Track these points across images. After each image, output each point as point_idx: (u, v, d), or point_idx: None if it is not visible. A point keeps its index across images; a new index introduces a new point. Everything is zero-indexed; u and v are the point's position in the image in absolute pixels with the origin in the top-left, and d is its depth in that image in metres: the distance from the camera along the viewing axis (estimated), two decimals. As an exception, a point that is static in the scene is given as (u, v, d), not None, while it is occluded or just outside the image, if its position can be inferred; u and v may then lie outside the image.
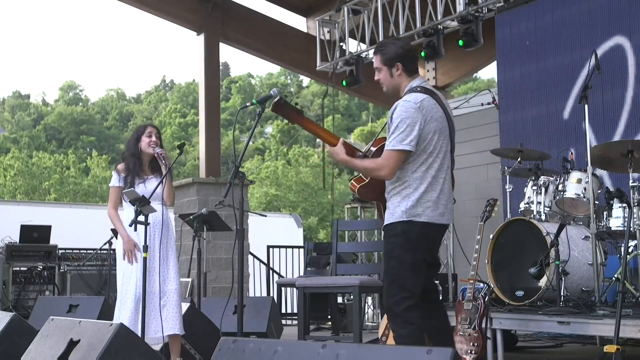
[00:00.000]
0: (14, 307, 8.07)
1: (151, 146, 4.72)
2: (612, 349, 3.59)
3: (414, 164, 3.53)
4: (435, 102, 3.56)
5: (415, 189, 3.52)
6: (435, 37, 8.66)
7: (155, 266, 4.61)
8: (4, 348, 4.23)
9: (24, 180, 32.39)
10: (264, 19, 11.39)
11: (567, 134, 7.14)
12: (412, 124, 3.46)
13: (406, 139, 3.46)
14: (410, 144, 3.46)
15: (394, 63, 3.62)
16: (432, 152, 3.53)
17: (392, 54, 3.61)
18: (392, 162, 3.49)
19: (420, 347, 2.28)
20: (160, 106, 49.36)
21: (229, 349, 2.76)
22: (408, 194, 3.53)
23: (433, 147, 3.53)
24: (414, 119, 3.46)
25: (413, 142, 3.47)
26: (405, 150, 3.48)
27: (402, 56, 3.61)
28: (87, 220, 11.93)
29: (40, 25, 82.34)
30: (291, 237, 13.96)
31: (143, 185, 4.71)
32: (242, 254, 3.75)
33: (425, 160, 3.53)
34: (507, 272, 5.14)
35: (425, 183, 3.52)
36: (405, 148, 3.47)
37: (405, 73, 3.63)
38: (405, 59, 3.62)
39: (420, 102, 3.51)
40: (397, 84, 3.66)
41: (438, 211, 3.55)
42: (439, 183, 3.55)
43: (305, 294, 5.40)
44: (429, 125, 3.51)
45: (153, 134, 4.79)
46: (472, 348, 4.52)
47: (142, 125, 4.94)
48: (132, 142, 4.82)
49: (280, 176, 32.97)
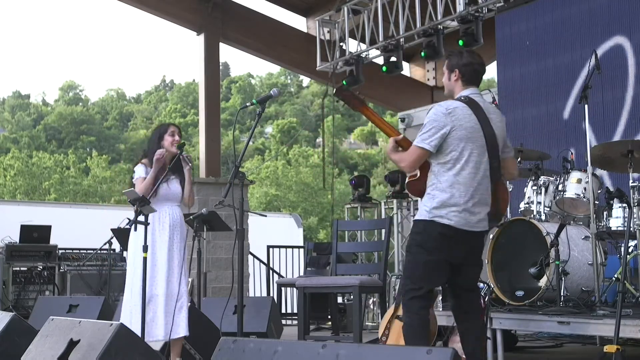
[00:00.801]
0: (14, 307, 8.06)
1: (174, 145, 4.71)
2: (612, 349, 3.59)
3: (444, 167, 3.73)
4: (471, 112, 3.74)
5: (442, 191, 3.71)
6: (435, 37, 8.66)
7: (174, 267, 4.62)
8: (4, 348, 4.23)
9: (24, 180, 32.39)
10: (264, 19, 11.39)
11: (567, 134, 7.14)
12: (438, 127, 3.69)
13: (427, 139, 3.69)
14: (430, 144, 3.69)
15: (454, 69, 3.88)
16: (459, 159, 3.70)
17: (455, 62, 3.89)
18: (412, 158, 3.75)
19: (420, 347, 2.28)
20: (160, 106, 49.35)
21: (229, 349, 2.76)
22: (435, 195, 3.73)
23: (459, 154, 3.70)
24: (440, 123, 3.69)
25: (434, 142, 3.69)
26: (424, 149, 3.70)
27: (464, 65, 3.85)
28: (87, 220, 11.92)
29: (40, 25, 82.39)
30: (291, 237, 13.95)
31: (166, 185, 4.69)
32: (242, 254, 3.75)
33: (452, 165, 3.71)
34: (507, 272, 5.13)
35: (453, 188, 3.70)
36: (425, 147, 3.70)
37: (462, 81, 3.86)
38: (466, 68, 3.85)
39: (453, 109, 3.72)
40: (452, 89, 3.91)
41: (463, 217, 3.69)
42: (468, 191, 3.70)
43: (305, 294, 5.41)
44: (457, 132, 3.69)
45: (176, 133, 4.77)
46: (472, 348, 4.51)
47: (164, 124, 4.92)
48: (155, 140, 4.79)
49: (280, 176, 32.98)
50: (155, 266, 4.59)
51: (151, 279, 4.54)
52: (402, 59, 9.49)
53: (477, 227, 3.75)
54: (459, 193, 3.69)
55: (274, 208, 30.06)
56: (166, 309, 4.54)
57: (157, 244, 4.62)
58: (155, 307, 4.55)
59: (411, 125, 10.21)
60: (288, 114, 43.43)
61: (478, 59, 3.93)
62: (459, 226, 3.69)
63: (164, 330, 4.53)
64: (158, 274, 4.58)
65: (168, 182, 4.71)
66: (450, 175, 3.70)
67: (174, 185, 4.73)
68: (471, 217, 3.71)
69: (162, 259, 4.61)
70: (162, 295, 4.58)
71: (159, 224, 4.66)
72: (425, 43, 8.77)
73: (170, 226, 4.66)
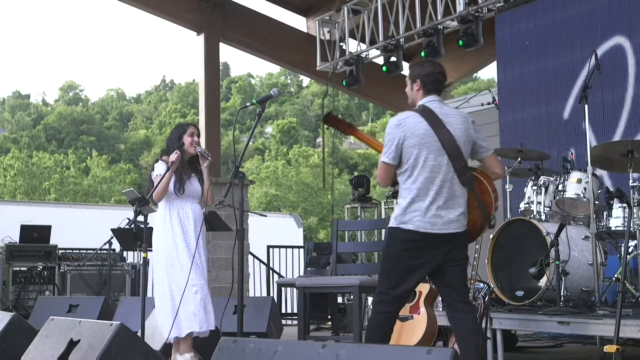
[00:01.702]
0: (14, 307, 8.06)
1: (194, 146, 4.78)
2: (612, 349, 3.59)
3: (404, 176, 3.85)
4: (422, 119, 3.84)
5: (404, 198, 3.83)
6: (435, 37, 8.65)
7: (200, 262, 4.69)
8: (4, 348, 4.23)
9: (24, 180, 32.40)
10: (264, 19, 11.38)
11: (567, 134, 7.14)
12: (391, 140, 3.83)
13: (386, 153, 3.85)
14: (388, 157, 3.84)
15: (416, 80, 3.98)
16: (415, 166, 3.81)
17: (417, 72, 4.00)
18: (379, 172, 3.93)
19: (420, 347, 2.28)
20: (160, 106, 49.37)
21: (229, 349, 2.77)
22: (399, 203, 3.87)
23: (414, 161, 3.80)
24: (392, 136, 3.84)
25: (391, 155, 3.83)
26: (385, 162, 3.86)
27: (425, 75, 3.96)
28: (87, 220, 11.92)
29: (40, 25, 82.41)
30: (291, 237, 13.95)
31: (188, 183, 4.76)
32: (242, 254, 3.75)
33: (410, 173, 3.82)
34: (507, 272, 5.14)
35: (412, 194, 3.80)
36: (385, 160, 3.85)
37: (423, 91, 3.97)
38: (427, 78, 3.95)
39: (403, 120, 3.86)
40: (414, 98, 4.02)
41: (426, 220, 3.77)
42: (428, 195, 3.78)
43: (305, 294, 5.40)
44: (408, 141, 3.80)
45: (195, 134, 4.84)
46: (472, 348, 4.51)
47: (183, 124, 4.98)
48: (174, 140, 4.84)
49: (280, 176, 32.99)
50: (193, 258, 4.63)
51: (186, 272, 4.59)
52: (402, 59, 9.49)
53: (447, 229, 3.78)
54: (419, 198, 3.78)
55: (274, 208, 30.08)
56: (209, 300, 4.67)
57: (191, 238, 4.70)
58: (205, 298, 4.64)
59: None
60: (288, 114, 43.45)
61: (439, 69, 4.04)
62: (424, 230, 3.76)
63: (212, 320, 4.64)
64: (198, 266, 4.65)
65: (189, 180, 4.78)
66: (409, 183, 3.82)
67: (194, 183, 4.80)
68: (437, 220, 3.77)
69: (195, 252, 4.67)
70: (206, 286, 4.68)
71: (186, 220, 4.73)
72: (425, 43, 8.77)
73: (194, 222, 4.73)
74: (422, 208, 3.76)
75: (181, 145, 4.75)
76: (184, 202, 4.74)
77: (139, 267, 8.55)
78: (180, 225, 4.68)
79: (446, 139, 3.81)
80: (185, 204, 4.75)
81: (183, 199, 4.74)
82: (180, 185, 4.71)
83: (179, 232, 4.67)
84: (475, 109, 7.61)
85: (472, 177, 3.87)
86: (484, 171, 3.97)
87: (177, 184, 4.71)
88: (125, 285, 8.75)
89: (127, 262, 9.11)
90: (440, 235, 3.77)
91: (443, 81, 4.03)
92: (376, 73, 9.85)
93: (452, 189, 3.80)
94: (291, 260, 10.75)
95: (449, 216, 3.78)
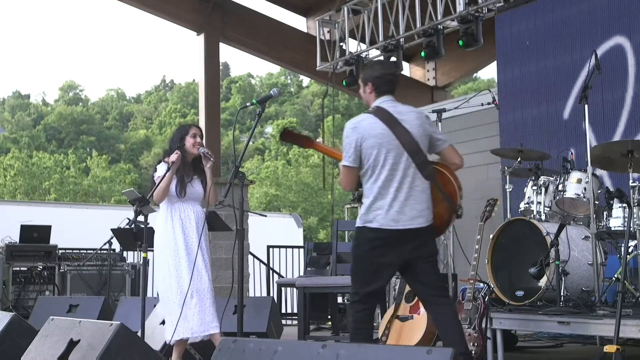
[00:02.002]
0: (14, 307, 8.06)
1: (196, 147, 4.74)
2: (612, 349, 3.59)
3: (365, 177, 3.93)
4: (377, 120, 3.92)
5: (367, 198, 3.91)
6: (435, 37, 8.66)
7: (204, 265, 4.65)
8: (4, 348, 4.23)
9: (24, 180, 32.39)
10: (264, 19, 11.39)
11: (567, 134, 7.14)
12: (349, 143, 3.91)
13: (346, 157, 3.92)
14: (349, 160, 3.91)
15: (367, 82, 4.05)
16: (375, 166, 3.88)
17: (367, 74, 4.07)
18: (343, 177, 3.99)
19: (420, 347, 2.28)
20: (160, 106, 49.35)
21: (229, 349, 2.77)
22: (363, 203, 3.93)
23: (374, 161, 3.88)
24: (350, 139, 3.91)
25: (351, 158, 3.90)
26: (346, 166, 3.92)
27: (376, 78, 4.02)
28: (87, 220, 11.92)
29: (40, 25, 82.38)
30: (291, 237, 13.96)
31: (190, 185, 4.73)
32: (242, 254, 3.75)
33: (371, 173, 3.90)
34: (507, 272, 5.13)
35: (374, 193, 3.88)
36: (346, 164, 3.92)
37: (375, 93, 4.03)
38: (378, 80, 4.02)
39: (358, 123, 3.95)
40: (368, 101, 4.08)
41: (390, 217, 3.84)
42: (389, 192, 3.86)
43: (305, 294, 5.41)
44: (366, 142, 3.88)
45: (197, 135, 4.79)
46: (472, 348, 4.52)
47: (185, 125, 4.94)
48: (176, 141, 4.80)
49: (280, 176, 32.98)
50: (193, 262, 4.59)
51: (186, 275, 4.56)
52: (402, 59, 9.49)
53: (411, 225, 3.85)
54: (380, 196, 3.86)
55: (274, 208, 30.07)
56: (212, 302, 4.60)
57: (192, 241, 4.66)
58: (204, 301, 4.57)
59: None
60: (288, 114, 43.42)
61: (390, 69, 4.13)
62: (388, 227, 3.83)
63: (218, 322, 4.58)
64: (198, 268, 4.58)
65: (191, 182, 4.75)
66: (370, 183, 3.89)
67: (196, 185, 4.76)
68: (401, 216, 3.84)
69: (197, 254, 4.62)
70: (208, 289, 4.61)
71: (188, 222, 4.70)
72: (425, 43, 8.77)
73: (196, 224, 4.69)
74: (384, 206, 3.85)
75: (182, 145, 4.73)
76: (185, 205, 4.72)
77: (139, 267, 8.56)
78: (182, 227, 4.65)
79: (403, 136, 3.90)
80: (187, 206, 4.73)
81: (185, 202, 4.71)
82: (182, 187, 4.68)
83: (180, 234, 4.63)
84: (475, 109, 7.62)
85: (434, 171, 3.95)
86: (444, 163, 4.05)
87: (178, 185, 4.68)
88: (125, 285, 8.76)
89: (127, 262, 9.11)
90: (405, 231, 3.83)
91: (395, 81, 4.12)
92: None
93: (413, 184, 3.89)
94: (291, 260, 10.75)
95: (412, 212, 3.86)
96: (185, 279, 4.54)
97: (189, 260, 4.58)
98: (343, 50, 10.09)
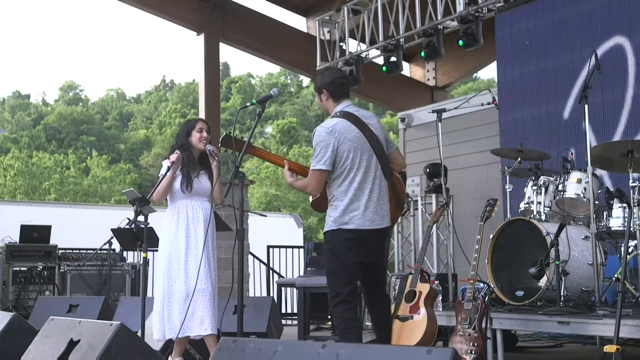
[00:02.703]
0: (14, 307, 8.06)
1: (202, 142, 4.70)
2: (612, 349, 3.59)
3: (338, 180, 4.01)
4: (350, 123, 4.04)
5: (341, 200, 4.00)
6: (435, 37, 8.65)
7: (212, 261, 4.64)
8: (4, 348, 4.23)
9: (24, 180, 32.39)
10: (264, 19, 11.39)
11: (567, 134, 7.14)
12: (325, 147, 3.98)
13: (321, 160, 3.98)
14: (325, 164, 3.98)
15: (322, 90, 4.16)
16: (351, 168, 4.00)
17: (319, 82, 4.18)
18: (314, 181, 4.02)
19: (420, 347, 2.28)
20: (160, 106, 49.33)
21: (229, 349, 2.77)
22: (336, 206, 4.02)
23: (351, 164, 4.00)
24: (327, 142, 3.98)
25: (328, 161, 3.98)
26: (322, 170, 3.98)
27: (328, 84, 4.14)
28: (87, 220, 11.92)
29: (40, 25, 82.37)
30: (291, 237, 13.95)
31: (197, 180, 4.67)
32: (242, 254, 3.75)
33: (346, 175, 4.00)
34: (507, 272, 5.13)
35: (350, 195, 3.99)
36: (322, 167, 3.98)
37: (332, 99, 4.15)
38: (331, 86, 4.14)
39: (333, 126, 4.02)
40: (327, 108, 4.20)
41: (366, 218, 4.00)
42: (364, 194, 4.01)
43: (305, 294, 5.42)
44: (343, 145, 3.99)
45: (204, 129, 4.74)
46: (472, 348, 4.52)
47: (192, 120, 4.89)
48: (182, 136, 4.76)
49: (280, 176, 32.94)
50: (196, 261, 4.53)
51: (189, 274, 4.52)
52: (402, 59, 9.48)
53: (382, 224, 4.07)
54: (356, 198, 3.99)
55: (274, 208, 30.08)
56: (213, 303, 4.56)
57: (198, 239, 4.59)
58: (205, 301, 4.51)
59: (411, 125, 10.21)
60: (288, 114, 43.41)
61: (339, 74, 4.29)
62: (365, 227, 3.98)
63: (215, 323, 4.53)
64: (201, 268, 4.51)
65: (198, 177, 4.69)
66: (345, 185, 3.99)
67: (203, 180, 4.71)
68: (375, 216, 4.02)
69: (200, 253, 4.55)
70: (210, 289, 4.56)
71: (195, 221, 4.63)
72: (425, 43, 8.76)
73: (205, 221, 4.62)
74: (360, 207, 3.99)
75: (182, 145, 4.72)
76: (193, 201, 4.65)
77: (139, 267, 8.55)
78: (186, 225, 4.59)
79: (372, 139, 4.08)
80: (195, 202, 4.66)
81: (192, 198, 4.65)
82: (188, 182, 4.63)
83: (182, 232, 4.58)
84: (475, 109, 7.62)
85: (392, 171, 4.17)
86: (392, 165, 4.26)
87: (184, 181, 4.63)
88: (125, 285, 8.75)
89: (127, 262, 9.11)
90: (380, 229, 4.04)
91: (348, 84, 4.28)
92: (376, 73, 9.85)
93: (381, 185, 4.08)
94: (291, 260, 10.75)
95: (382, 211, 4.07)
96: (180, 279, 4.50)
97: (186, 260, 4.53)
98: (343, 50, 10.08)
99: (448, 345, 4.89)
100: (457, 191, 8.58)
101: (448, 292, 6.41)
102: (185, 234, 4.59)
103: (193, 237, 4.60)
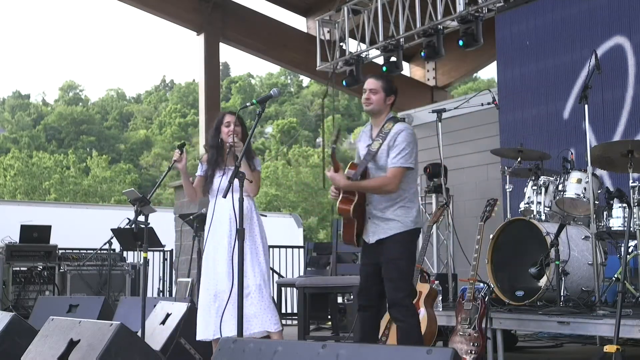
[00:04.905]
0: (14, 307, 8.07)
1: (230, 136, 4.54)
2: (612, 349, 3.59)
3: (412, 181, 4.13)
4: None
5: (415, 202, 4.16)
6: (435, 37, 8.66)
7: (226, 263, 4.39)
8: (4, 348, 4.23)
9: (24, 180, 32.39)
10: (264, 19, 11.39)
11: (567, 134, 7.14)
12: (414, 147, 4.08)
13: (410, 159, 4.04)
14: (412, 163, 4.07)
15: (391, 94, 4.22)
16: (417, 171, 4.23)
17: (394, 88, 4.26)
18: (399, 178, 4.02)
19: (420, 347, 2.28)
20: (160, 106, 49.34)
21: (229, 349, 2.77)
22: (411, 207, 4.11)
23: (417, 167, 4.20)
24: (415, 143, 4.10)
25: (415, 161, 4.09)
26: (411, 169, 4.05)
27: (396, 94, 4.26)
28: (87, 220, 11.93)
29: (40, 25, 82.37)
30: (291, 237, 13.95)
31: (225, 177, 4.44)
32: (242, 254, 3.74)
33: (415, 178, 4.22)
34: (507, 272, 5.13)
35: (418, 197, 4.31)
36: (411, 166, 4.04)
37: (391, 106, 4.27)
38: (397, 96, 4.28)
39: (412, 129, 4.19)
40: (382, 110, 4.21)
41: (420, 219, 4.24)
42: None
43: (305, 294, 5.41)
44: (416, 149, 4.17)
45: (232, 122, 4.55)
46: (472, 348, 4.51)
47: (220, 114, 4.75)
48: (213, 133, 4.65)
49: (280, 176, 32.98)
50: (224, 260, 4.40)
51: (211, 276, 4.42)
52: (402, 59, 9.49)
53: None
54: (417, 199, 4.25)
55: (274, 208, 30.06)
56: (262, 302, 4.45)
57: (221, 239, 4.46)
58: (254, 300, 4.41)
59: (411, 125, 10.21)
60: (288, 114, 43.42)
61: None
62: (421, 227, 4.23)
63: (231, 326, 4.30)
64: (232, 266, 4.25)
65: (227, 174, 4.43)
66: (415, 187, 4.19)
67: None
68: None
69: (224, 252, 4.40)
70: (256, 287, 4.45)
71: (219, 218, 4.47)
72: (425, 43, 8.77)
73: (230, 218, 4.35)
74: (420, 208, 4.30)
75: (182, 145, 4.69)
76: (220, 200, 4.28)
77: (139, 267, 8.56)
78: (210, 226, 4.46)
79: None
80: (222, 200, 4.22)
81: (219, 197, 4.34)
82: (206, 185, 4.52)
83: (210, 233, 4.44)
84: (475, 109, 7.62)
85: None
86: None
87: (207, 179, 4.53)
88: (125, 285, 8.76)
89: (127, 262, 9.12)
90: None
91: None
92: (376, 73, 9.84)
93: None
94: (291, 260, 10.75)
95: None
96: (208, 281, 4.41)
97: (214, 260, 4.42)
98: (343, 50, 10.09)
99: (448, 345, 4.89)
100: (457, 191, 8.58)
101: (448, 292, 6.41)
102: (212, 234, 4.46)
103: (220, 237, 4.46)
